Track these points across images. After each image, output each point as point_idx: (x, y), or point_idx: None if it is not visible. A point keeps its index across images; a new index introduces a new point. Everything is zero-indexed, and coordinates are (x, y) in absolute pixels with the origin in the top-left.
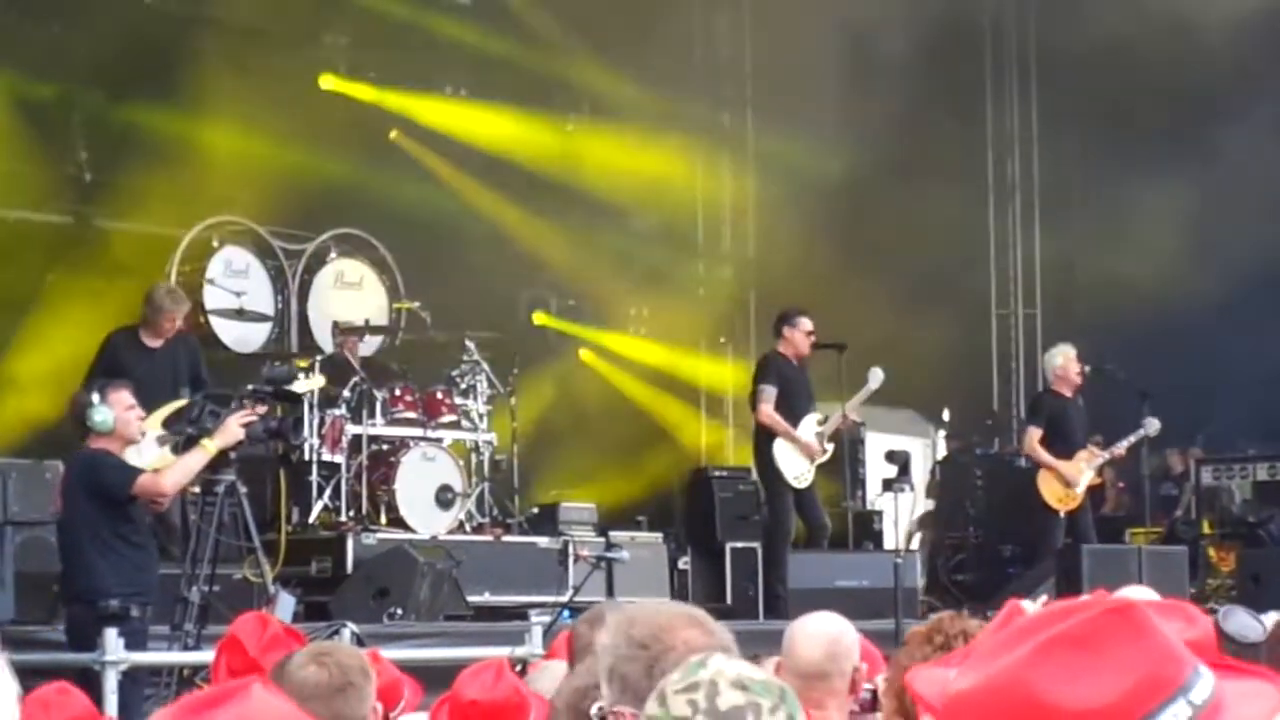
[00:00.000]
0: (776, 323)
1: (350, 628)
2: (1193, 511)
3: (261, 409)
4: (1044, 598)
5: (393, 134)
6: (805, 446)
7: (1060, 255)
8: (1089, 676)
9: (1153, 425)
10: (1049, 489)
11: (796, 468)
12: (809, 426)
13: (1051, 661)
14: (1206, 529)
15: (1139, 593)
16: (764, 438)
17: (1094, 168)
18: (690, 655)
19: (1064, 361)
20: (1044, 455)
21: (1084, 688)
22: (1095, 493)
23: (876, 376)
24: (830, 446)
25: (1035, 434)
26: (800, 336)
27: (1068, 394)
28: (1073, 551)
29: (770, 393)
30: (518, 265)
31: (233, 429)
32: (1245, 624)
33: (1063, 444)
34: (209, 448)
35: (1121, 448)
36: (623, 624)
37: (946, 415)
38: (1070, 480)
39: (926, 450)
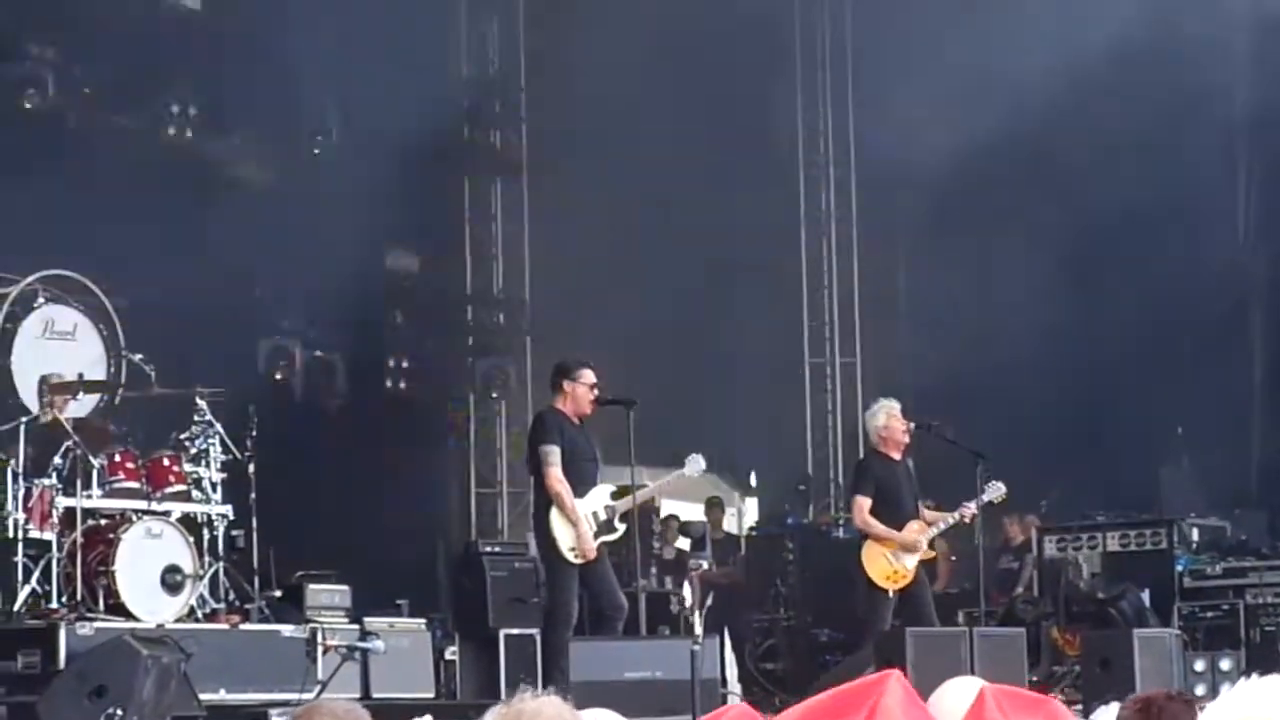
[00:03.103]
0: (554, 375)
1: None
2: (1034, 588)
3: None
4: None
5: None
6: (583, 537)
7: (885, 294)
8: None
9: (997, 489)
10: (875, 567)
11: (574, 538)
12: (599, 497)
13: None
14: (1050, 608)
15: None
16: (544, 505)
17: (927, 193)
18: None
19: (887, 419)
20: (880, 528)
21: None
22: (925, 568)
23: (696, 464)
24: (622, 527)
25: (865, 504)
26: (583, 391)
27: (895, 456)
28: (895, 636)
29: (556, 454)
30: (257, 310)
31: None
32: None
33: (892, 514)
34: None
35: (970, 510)
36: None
37: (754, 479)
38: (911, 550)
39: (730, 521)
